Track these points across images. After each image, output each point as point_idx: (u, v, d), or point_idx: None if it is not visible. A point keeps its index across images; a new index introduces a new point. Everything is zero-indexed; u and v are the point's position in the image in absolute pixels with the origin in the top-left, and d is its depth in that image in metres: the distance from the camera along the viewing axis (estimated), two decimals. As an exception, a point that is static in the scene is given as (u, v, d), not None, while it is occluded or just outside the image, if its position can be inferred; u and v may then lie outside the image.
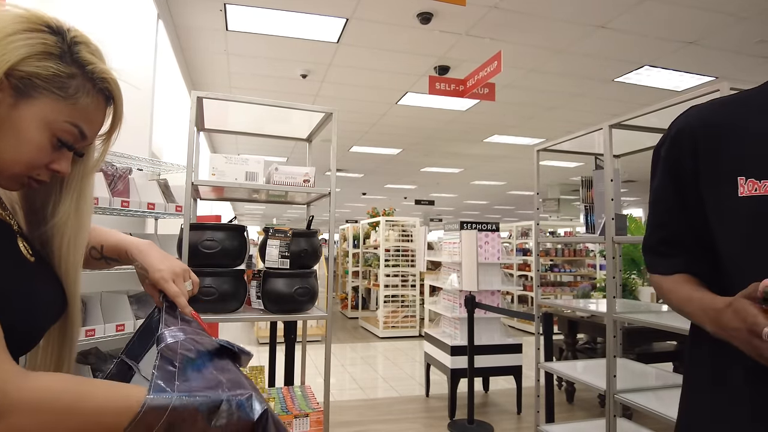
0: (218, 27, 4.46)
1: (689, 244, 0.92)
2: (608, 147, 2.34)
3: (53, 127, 0.65)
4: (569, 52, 4.93)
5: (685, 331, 1.95)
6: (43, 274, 0.73)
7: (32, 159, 0.66)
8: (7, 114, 0.63)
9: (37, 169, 0.68)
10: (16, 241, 0.71)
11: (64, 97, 0.65)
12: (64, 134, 0.67)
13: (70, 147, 0.69)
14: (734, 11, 4.06)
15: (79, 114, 0.67)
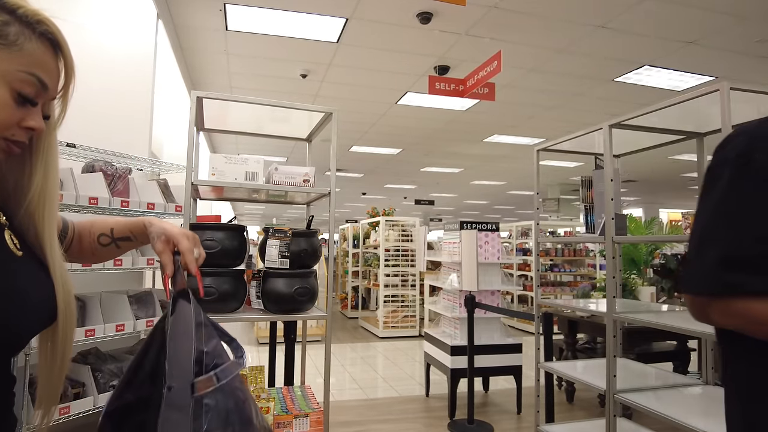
0: (218, 27, 4.46)
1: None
2: (608, 147, 2.34)
3: (9, 79, 0.64)
4: (569, 51, 4.93)
5: (685, 330, 1.96)
6: (31, 270, 0.72)
7: (4, 117, 0.65)
8: None
9: (9, 129, 0.67)
10: (2, 234, 0.70)
11: (7, 45, 0.64)
12: (24, 86, 0.65)
13: (33, 101, 0.67)
14: (734, 11, 4.06)
15: (30, 61, 0.66)
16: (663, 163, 10.03)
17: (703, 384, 2.42)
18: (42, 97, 0.69)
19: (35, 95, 0.67)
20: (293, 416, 2.06)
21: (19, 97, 0.66)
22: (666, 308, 2.82)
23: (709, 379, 2.42)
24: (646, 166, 10.21)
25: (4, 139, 0.67)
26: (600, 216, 2.50)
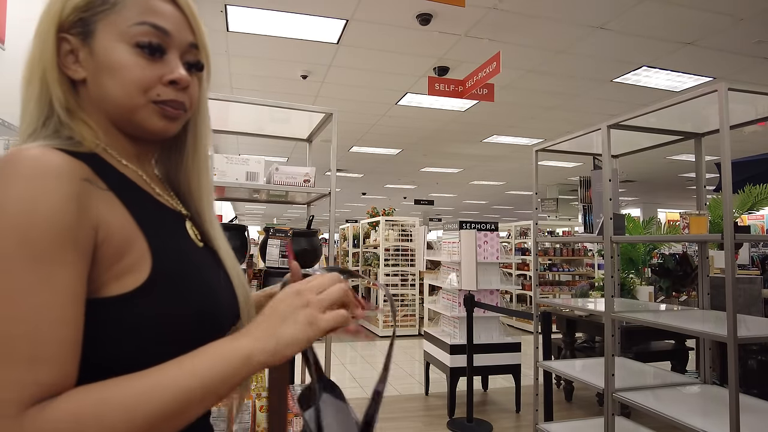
0: (219, 28, 4.47)
1: None
2: (606, 147, 2.35)
3: (126, 37, 0.61)
4: (568, 52, 4.95)
5: (683, 330, 1.97)
6: (213, 263, 0.70)
7: (135, 78, 0.61)
8: (92, 63, 0.62)
9: (152, 88, 0.62)
10: (184, 224, 0.69)
11: (112, 6, 0.61)
12: (141, 36, 0.61)
13: (157, 47, 0.62)
14: (732, 12, 4.08)
15: (136, 11, 0.62)
16: (661, 164, 10.05)
17: (700, 383, 2.44)
18: (169, 44, 0.64)
19: (158, 42, 0.62)
20: (293, 415, 2.07)
21: (141, 49, 0.61)
22: (664, 307, 2.83)
23: (707, 378, 2.44)
24: (644, 166, 10.23)
25: (154, 103, 0.63)
26: (598, 216, 2.52)
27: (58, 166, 0.51)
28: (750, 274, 5.00)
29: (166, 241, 0.61)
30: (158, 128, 0.64)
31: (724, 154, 1.72)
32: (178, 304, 0.58)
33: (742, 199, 4.14)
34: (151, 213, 0.63)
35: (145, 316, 0.55)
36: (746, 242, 5.74)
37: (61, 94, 0.62)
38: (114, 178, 0.60)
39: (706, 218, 2.07)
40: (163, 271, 0.58)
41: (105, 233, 0.54)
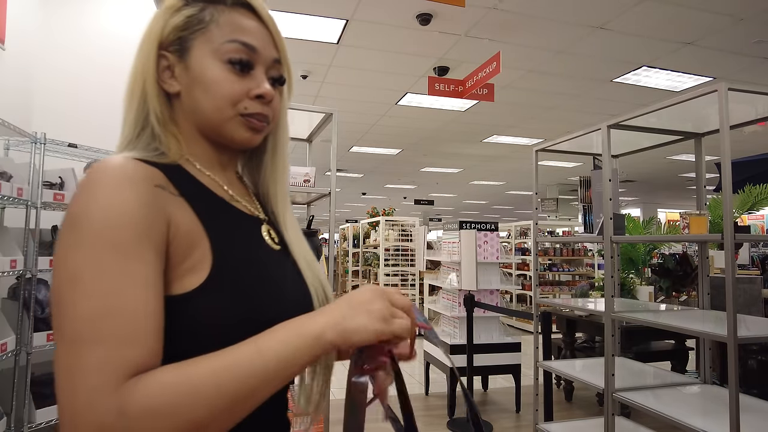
0: (218, 27, 4.46)
1: None
2: (606, 147, 2.35)
3: (218, 54, 0.66)
4: (568, 52, 4.95)
5: (683, 330, 1.97)
6: (286, 263, 0.72)
7: (226, 92, 0.66)
8: (187, 77, 0.68)
9: (240, 102, 0.67)
10: (259, 228, 0.72)
11: (207, 25, 0.67)
12: (232, 53, 0.66)
13: (246, 63, 0.67)
14: (732, 12, 4.08)
15: (229, 30, 0.67)
16: (661, 164, 10.05)
17: (700, 383, 2.44)
18: (256, 60, 0.69)
19: (246, 58, 0.67)
20: (293, 415, 2.07)
21: (232, 65, 0.66)
22: (664, 307, 2.83)
23: (707, 378, 2.44)
24: (644, 166, 10.23)
25: (241, 116, 0.68)
26: (598, 216, 2.52)
27: (133, 174, 0.57)
28: (750, 274, 5.00)
29: (231, 245, 0.64)
30: (244, 139, 0.69)
31: (724, 154, 1.72)
32: (233, 306, 0.59)
33: (742, 199, 4.14)
34: (221, 217, 0.66)
35: (198, 316, 0.58)
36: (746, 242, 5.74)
37: (157, 106, 0.68)
38: (189, 186, 0.65)
39: (706, 218, 2.06)
40: (221, 273, 0.60)
41: (173, 234, 0.58)
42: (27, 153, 2.32)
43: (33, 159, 2.28)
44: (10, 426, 2.15)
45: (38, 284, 2.29)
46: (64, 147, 2.42)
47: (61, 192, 2.36)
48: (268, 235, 0.73)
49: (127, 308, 0.51)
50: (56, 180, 2.42)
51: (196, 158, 0.70)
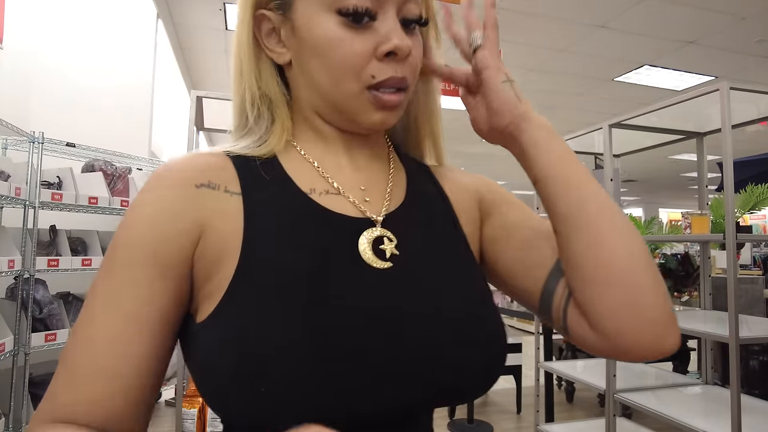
0: (218, 26, 4.45)
1: None
2: (608, 146, 2.34)
3: (326, 4, 0.48)
4: (569, 51, 4.93)
5: (685, 330, 1.95)
6: (400, 286, 0.48)
7: (342, 57, 0.48)
8: (295, 41, 0.51)
9: (365, 68, 0.48)
10: (356, 235, 0.49)
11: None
12: (345, 3, 0.47)
13: (368, 12, 0.48)
14: (734, 11, 4.06)
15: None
16: (663, 163, 10.03)
17: (702, 384, 2.42)
18: (380, 3, 0.48)
19: (364, 6, 0.47)
20: None
21: (345, 17, 0.47)
22: (666, 308, 2.82)
23: (709, 379, 2.42)
24: (645, 165, 10.21)
25: (368, 89, 0.49)
26: (600, 216, 2.50)
27: (167, 178, 0.48)
28: (752, 275, 4.98)
29: (268, 260, 0.46)
30: (374, 122, 0.51)
31: (726, 153, 1.70)
32: (230, 358, 0.41)
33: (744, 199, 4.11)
34: (280, 220, 0.48)
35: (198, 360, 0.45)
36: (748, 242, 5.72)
37: (254, 83, 0.53)
38: (260, 180, 0.50)
39: (708, 218, 2.05)
40: (230, 304, 0.44)
41: (202, 248, 0.47)
42: (25, 152, 2.31)
43: (31, 158, 2.28)
44: (8, 426, 2.15)
45: (36, 284, 2.28)
46: (62, 146, 2.41)
47: (59, 192, 2.35)
48: (370, 246, 0.49)
49: (87, 343, 0.43)
50: (54, 180, 2.42)
51: (306, 141, 0.54)
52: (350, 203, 0.52)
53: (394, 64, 0.49)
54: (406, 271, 0.49)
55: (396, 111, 0.51)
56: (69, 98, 2.84)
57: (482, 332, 0.49)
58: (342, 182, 0.53)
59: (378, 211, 0.52)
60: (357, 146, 0.55)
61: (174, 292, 0.45)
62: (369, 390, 0.42)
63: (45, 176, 2.35)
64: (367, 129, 0.53)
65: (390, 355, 0.44)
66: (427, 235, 0.54)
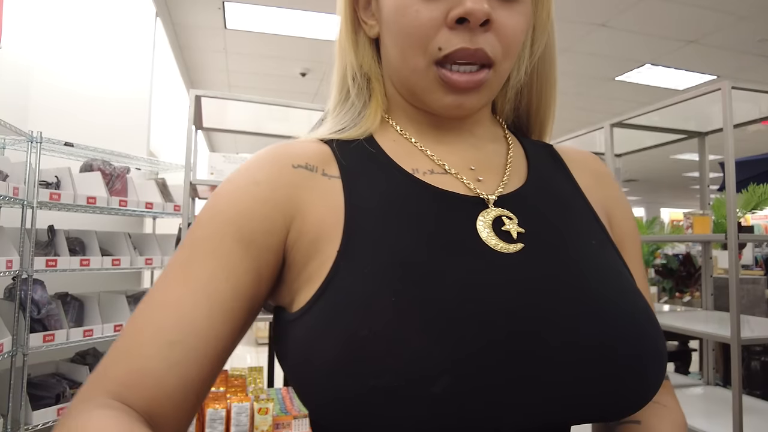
0: (217, 25, 4.44)
1: None
2: (609, 146, 2.32)
3: None
4: (570, 50, 4.91)
5: (687, 331, 1.94)
6: (527, 272, 0.40)
7: (410, 25, 0.41)
8: (380, 10, 0.46)
9: (434, 38, 0.42)
10: (474, 222, 0.42)
11: None
12: None
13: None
14: (736, 10, 4.04)
15: None
16: (664, 163, 10.01)
17: (704, 384, 2.41)
18: None
19: None
20: (292, 417, 2.05)
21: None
22: (667, 308, 2.81)
23: (711, 380, 2.41)
24: (647, 165, 10.19)
25: (436, 65, 0.43)
26: (601, 216, 2.49)
27: (264, 159, 0.45)
28: (754, 275, 4.97)
29: (378, 242, 0.40)
30: (445, 106, 0.44)
31: (728, 152, 1.69)
32: (324, 345, 0.37)
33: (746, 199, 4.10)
34: (388, 201, 0.43)
35: (295, 354, 0.40)
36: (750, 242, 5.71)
37: (353, 57, 0.49)
38: (361, 159, 0.46)
39: (710, 218, 2.04)
40: (334, 289, 0.39)
41: (297, 232, 0.43)
42: (23, 152, 2.30)
43: (29, 158, 2.26)
44: (7, 428, 2.14)
45: (34, 285, 2.27)
46: (60, 146, 2.40)
47: (57, 191, 2.34)
48: (489, 227, 0.42)
49: (152, 311, 0.40)
50: (52, 179, 2.41)
51: (400, 119, 0.50)
52: (461, 183, 0.46)
53: (468, 33, 0.41)
54: (541, 252, 0.41)
55: (474, 94, 0.44)
56: (67, 98, 2.83)
57: (652, 327, 0.40)
58: (448, 161, 0.47)
59: (492, 191, 0.46)
60: (456, 125, 0.49)
61: (254, 271, 0.41)
62: (517, 406, 0.35)
63: (43, 176, 2.34)
64: (442, 114, 0.47)
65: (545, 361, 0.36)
66: (555, 214, 0.46)
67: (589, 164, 0.55)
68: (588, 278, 0.41)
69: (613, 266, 0.44)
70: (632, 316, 0.40)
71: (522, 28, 0.44)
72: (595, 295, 0.40)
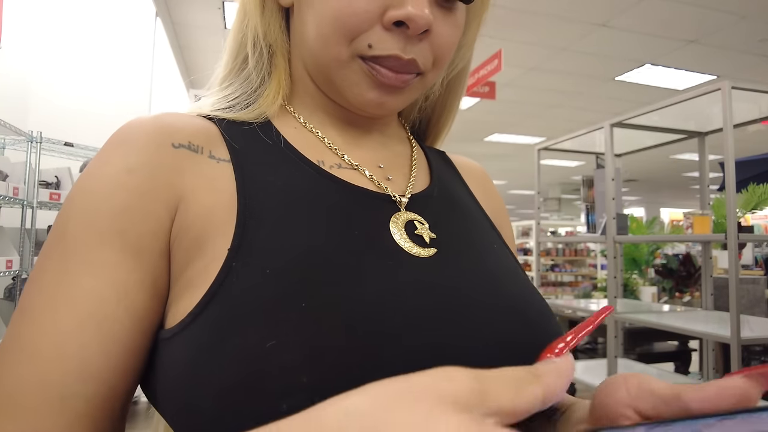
0: (217, 25, 4.44)
1: None
2: (609, 146, 2.32)
3: None
4: (570, 50, 4.91)
5: (687, 331, 1.94)
6: (443, 276, 0.38)
7: (341, 11, 0.37)
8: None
9: (364, 32, 0.38)
10: (387, 223, 0.40)
11: None
12: None
13: None
14: (736, 9, 4.04)
15: None
16: (664, 163, 10.01)
17: (704, 385, 2.41)
18: None
19: None
20: None
21: None
22: (667, 308, 2.80)
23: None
24: (647, 165, 10.18)
25: (362, 59, 0.39)
26: (601, 215, 2.49)
27: (133, 134, 0.37)
28: (753, 275, 4.96)
29: (278, 235, 0.35)
30: (367, 101, 0.41)
31: (728, 152, 1.69)
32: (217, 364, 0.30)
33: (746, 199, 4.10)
34: (288, 191, 0.38)
35: (168, 372, 0.33)
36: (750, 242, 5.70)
37: (259, 22, 0.43)
38: (255, 143, 0.41)
39: (710, 218, 2.04)
40: (226, 294, 0.32)
41: (181, 222, 0.36)
42: (23, 152, 2.30)
43: (29, 158, 2.27)
44: (6, 427, 2.14)
45: (34, 284, 2.28)
46: (60, 146, 2.40)
47: (57, 191, 2.34)
48: (402, 230, 0.39)
49: (30, 355, 0.31)
50: (52, 179, 2.41)
51: (303, 107, 0.46)
52: (369, 180, 0.43)
53: (404, 39, 0.38)
54: (452, 257, 0.40)
55: (399, 94, 0.41)
56: (67, 98, 2.83)
57: (550, 322, 0.41)
58: (356, 157, 0.44)
59: (401, 191, 0.43)
60: (365, 122, 0.46)
61: (149, 285, 0.34)
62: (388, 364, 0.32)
63: (43, 176, 2.34)
64: (356, 108, 0.43)
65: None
66: (460, 220, 0.45)
67: (479, 175, 0.56)
68: (498, 280, 0.41)
69: (513, 268, 0.44)
70: (543, 311, 0.41)
71: (455, 42, 0.43)
72: (507, 295, 0.40)
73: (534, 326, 0.38)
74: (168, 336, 0.34)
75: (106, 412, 0.33)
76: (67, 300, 0.32)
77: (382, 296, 0.34)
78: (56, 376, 0.31)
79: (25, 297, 0.34)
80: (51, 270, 0.34)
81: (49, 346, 0.31)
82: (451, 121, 0.58)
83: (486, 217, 0.49)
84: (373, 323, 0.32)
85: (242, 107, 0.43)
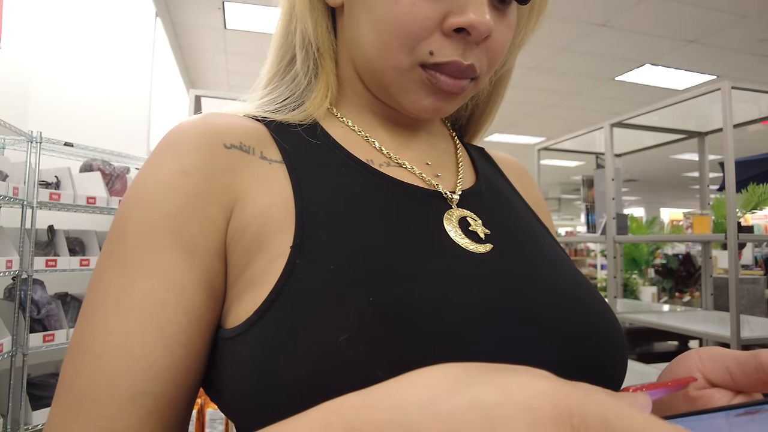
0: (217, 25, 4.44)
1: None
2: (609, 146, 2.32)
3: None
4: (570, 50, 4.91)
5: (687, 331, 1.94)
6: (504, 271, 0.38)
7: (402, 18, 0.37)
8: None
9: (424, 40, 0.38)
10: (440, 219, 0.40)
11: None
12: None
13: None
14: (736, 10, 4.04)
15: None
16: (664, 163, 10.01)
17: (704, 385, 2.41)
18: None
19: None
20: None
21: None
22: (667, 308, 2.81)
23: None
24: (647, 165, 10.19)
25: (423, 68, 0.39)
26: (601, 215, 2.49)
27: (186, 137, 0.37)
28: (753, 275, 4.97)
29: (341, 234, 0.36)
30: (423, 108, 0.41)
31: (728, 152, 1.69)
32: (289, 359, 0.31)
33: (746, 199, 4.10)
34: (342, 190, 0.39)
35: (239, 373, 0.33)
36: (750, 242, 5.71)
37: (310, 25, 0.43)
38: (304, 145, 0.41)
39: (710, 218, 2.04)
40: (293, 291, 0.33)
41: (238, 223, 0.36)
42: (23, 152, 2.30)
43: (29, 158, 2.26)
44: (7, 428, 2.14)
45: (34, 285, 2.27)
46: (60, 146, 2.40)
47: (57, 191, 2.34)
48: (458, 226, 0.39)
49: (97, 358, 0.32)
50: (52, 179, 2.41)
51: (349, 108, 0.46)
52: (419, 178, 0.43)
53: (463, 45, 0.38)
54: (509, 253, 0.40)
55: (453, 100, 0.41)
56: (67, 97, 2.83)
57: (610, 314, 0.41)
58: (404, 156, 0.44)
59: (451, 188, 0.44)
60: (413, 121, 0.46)
61: (205, 286, 0.35)
62: None
63: (43, 176, 2.34)
64: (412, 114, 0.43)
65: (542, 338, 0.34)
66: (509, 215, 0.46)
67: (518, 169, 0.57)
68: (555, 274, 0.40)
69: (567, 262, 0.44)
70: (603, 306, 0.41)
71: (508, 43, 0.42)
72: (566, 289, 0.40)
73: (596, 317, 0.39)
74: (233, 335, 0.34)
75: (173, 410, 0.34)
76: (130, 302, 0.33)
77: (446, 292, 0.34)
78: (125, 376, 0.32)
79: (88, 299, 0.35)
80: (112, 272, 0.34)
81: (116, 347, 0.32)
82: (492, 118, 0.58)
83: (531, 210, 0.50)
84: (439, 319, 0.32)
85: (290, 109, 0.43)
